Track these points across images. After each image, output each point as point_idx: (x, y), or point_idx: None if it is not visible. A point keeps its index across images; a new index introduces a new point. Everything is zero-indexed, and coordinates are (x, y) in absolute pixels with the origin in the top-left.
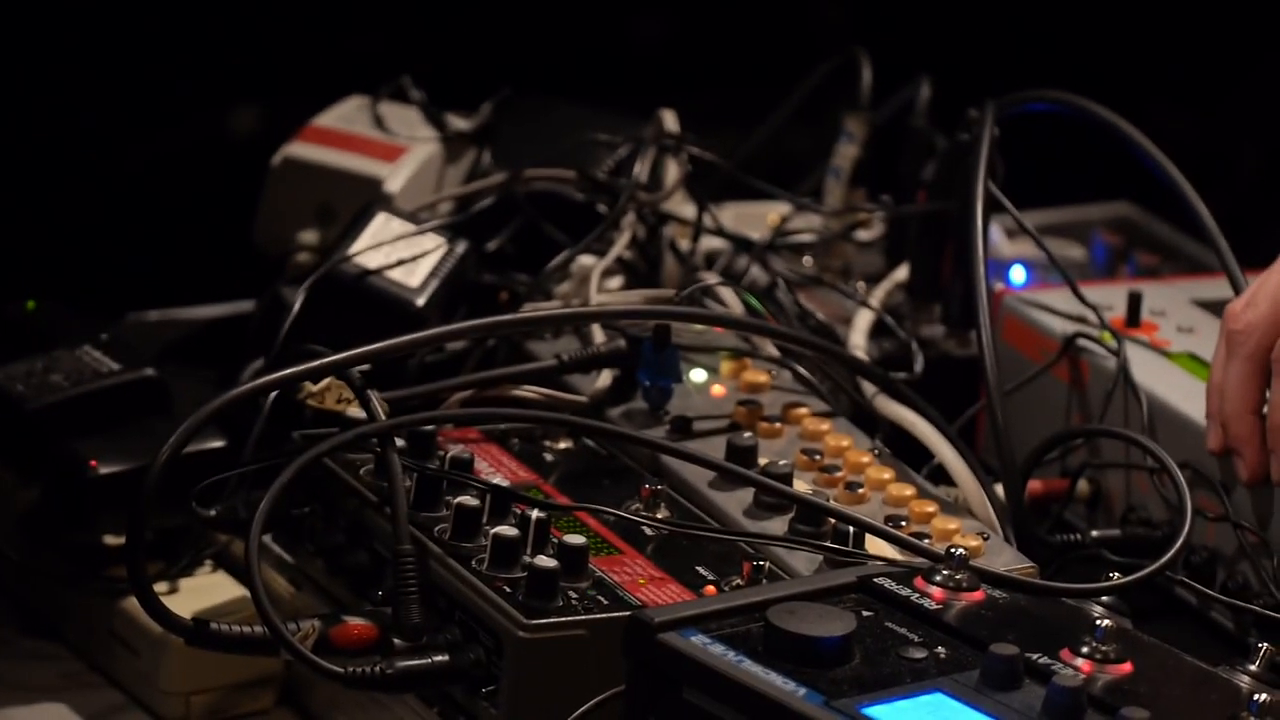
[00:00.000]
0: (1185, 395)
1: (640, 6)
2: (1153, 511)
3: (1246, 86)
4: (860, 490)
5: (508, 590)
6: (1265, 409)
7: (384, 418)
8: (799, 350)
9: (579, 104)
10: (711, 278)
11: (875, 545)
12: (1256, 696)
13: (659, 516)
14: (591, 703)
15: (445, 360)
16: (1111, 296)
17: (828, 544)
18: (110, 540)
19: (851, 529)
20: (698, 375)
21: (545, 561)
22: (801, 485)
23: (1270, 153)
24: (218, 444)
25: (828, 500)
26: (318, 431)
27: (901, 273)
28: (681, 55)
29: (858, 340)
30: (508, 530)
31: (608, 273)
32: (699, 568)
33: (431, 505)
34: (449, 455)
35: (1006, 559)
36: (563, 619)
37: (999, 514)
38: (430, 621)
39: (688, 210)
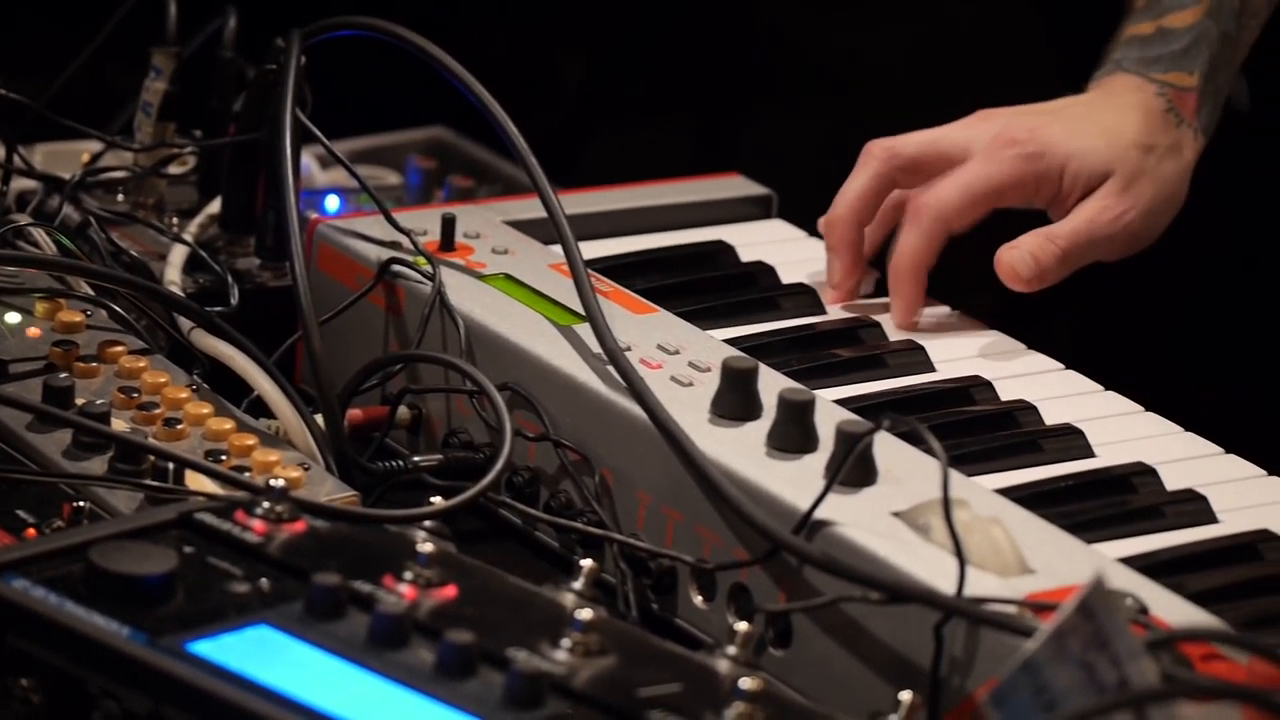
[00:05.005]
0: (502, 317)
1: None
2: (474, 434)
3: (567, 3)
4: (179, 426)
5: None
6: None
7: None
8: (114, 288)
9: None
10: (22, 219)
11: (196, 480)
12: (579, 613)
13: None
14: None
15: None
16: (426, 221)
17: (148, 481)
18: None
19: (171, 465)
20: (12, 318)
21: None
22: (120, 424)
23: (591, 69)
24: None
25: (146, 438)
26: None
27: (215, 206)
28: None
29: (173, 276)
30: None
31: None
32: (19, 511)
33: None
34: None
35: (328, 488)
36: None
37: (320, 444)
38: None
39: None
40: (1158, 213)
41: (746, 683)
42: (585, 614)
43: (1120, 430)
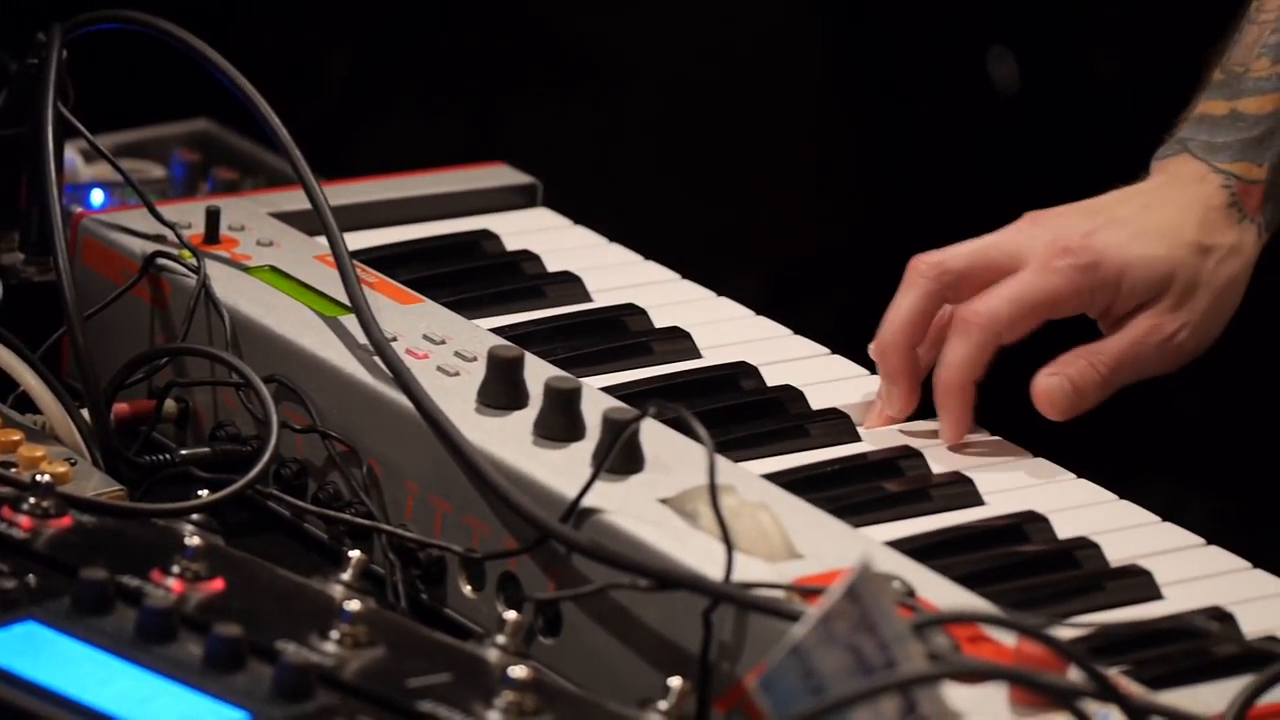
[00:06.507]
0: (268, 309)
1: None
2: (241, 427)
3: None
4: None
5: None
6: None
7: None
8: None
9: None
10: None
11: None
12: (348, 604)
13: None
14: None
15: None
16: (191, 214)
17: None
18: None
19: None
20: None
21: None
22: None
23: (358, 60)
24: None
25: None
26: None
27: None
28: None
29: None
30: None
31: None
32: None
33: None
34: None
35: (95, 483)
36: None
37: (86, 438)
38: None
39: None
40: (1212, 325)
41: (516, 671)
42: (354, 605)
43: None
